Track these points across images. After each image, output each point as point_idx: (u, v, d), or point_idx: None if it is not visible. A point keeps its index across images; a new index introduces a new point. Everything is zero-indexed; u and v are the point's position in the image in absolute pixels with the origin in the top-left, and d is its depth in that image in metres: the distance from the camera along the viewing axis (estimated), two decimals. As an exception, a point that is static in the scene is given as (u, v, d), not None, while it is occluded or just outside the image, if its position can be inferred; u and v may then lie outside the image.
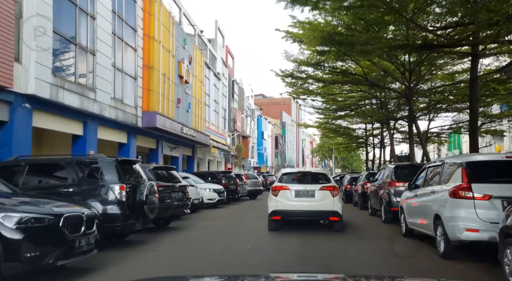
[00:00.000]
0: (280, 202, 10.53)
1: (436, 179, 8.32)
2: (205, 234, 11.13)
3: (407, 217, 9.71)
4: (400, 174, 12.80)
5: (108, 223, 7.82)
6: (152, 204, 8.71)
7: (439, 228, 7.49)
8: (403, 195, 10.34)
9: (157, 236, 10.38)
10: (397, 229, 11.67)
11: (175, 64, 25.81)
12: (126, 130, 20.95)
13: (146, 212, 8.46)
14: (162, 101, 23.54)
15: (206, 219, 14.99)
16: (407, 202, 9.79)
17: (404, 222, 10.08)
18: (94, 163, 8.29)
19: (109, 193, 7.92)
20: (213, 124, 36.31)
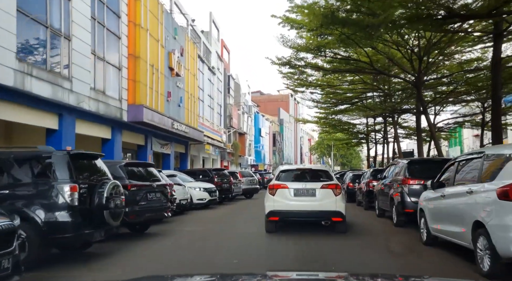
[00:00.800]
0: (278, 202, 9.70)
1: (472, 176, 6.54)
2: (185, 242, 9.35)
3: (430, 222, 7.93)
4: (415, 170, 11.04)
5: (55, 234, 6.07)
6: (115, 208, 6.92)
7: (481, 239, 5.73)
8: (424, 195, 8.57)
9: (126, 245, 8.61)
10: (413, 234, 9.93)
11: (164, 55, 23.99)
12: (110, 125, 19.15)
13: (107, 218, 6.68)
14: (150, 94, 21.73)
15: (192, 223, 13.20)
16: (430, 204, 8.03)
17: (425, 227, 8.31)
18: (38, 157, 6.49)
19: (57, 195, 6.16)
20: (208, 120, 34.50)
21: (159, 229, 11.01)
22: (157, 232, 10.43)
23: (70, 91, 14.97)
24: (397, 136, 24.25)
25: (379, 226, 12.24)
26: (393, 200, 11.52)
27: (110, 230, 6.96)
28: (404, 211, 10.77)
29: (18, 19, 12.24)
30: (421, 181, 10.55)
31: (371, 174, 16.99)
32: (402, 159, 12.66)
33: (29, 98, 13.19)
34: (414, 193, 10.54)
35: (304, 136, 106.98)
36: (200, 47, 34.20)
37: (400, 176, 11.35)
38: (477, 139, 56.77)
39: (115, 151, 19.52)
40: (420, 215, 8.67)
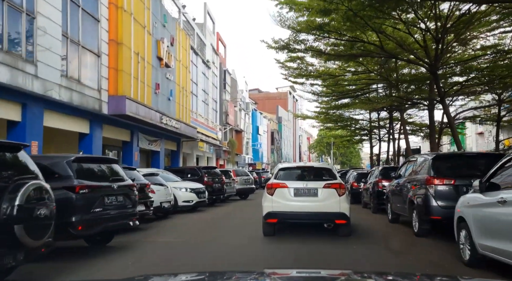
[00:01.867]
0: (277, 202, 8.94)
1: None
2: (151, 260, 7.22)
3: (478, 236, 5.82)
4: (442, 167, 8.92)
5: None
6: (37, 220, 4.78)
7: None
8: (465, 200, 6.44)
9: (70, 265, 6.48)
10: (443, 249, 7.88)
11: (152, 43, 21.85)
12: (88, 118, 17.03)
13: (20, 236, 4.52)
14: (135, 84, 19.59)
15: (172, 230, 11.05)
16: (478, 212, 5.88)
17: (467, 243, 6.19)
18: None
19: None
20: (201, 116, 32.34)
21: (126, 240, 8.87)
22: (122, 245, 8.29)
23: (35, 76, 12.83)
24: (405, 130, 21.95)
25: (395, 235, 10.12)
26: (413, 203, 9.40)
27: (30, 254, 4.79)
28: (429, 218, 8.65)
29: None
30: (451, 181, 8.44)
31: (380, 173, 14.85)
32: (424, 154, 10.54)
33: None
34: (442, 196, 8.43)
35: (303, 134, 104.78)
36: (194, 38, 32.06)
37: (422, 175, 9.22)
38: (481, 137, 54.46)
39: (94, 147, 17.39)
40: (459, 226, 6.55)
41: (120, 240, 8.65)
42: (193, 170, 17.96)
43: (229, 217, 14.67)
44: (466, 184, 7.80)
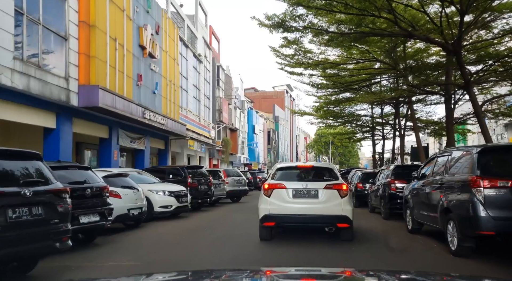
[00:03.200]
0: (274, 205, 8.36)
1: None
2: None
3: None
4: (493, 164, 6.59)
5: None
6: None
7: None
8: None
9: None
10: (495, 272, 5.47)
11: (133, 30, 19.44)
12: (54, 110, 14.62)
13: None
14: (112, 74, 17.19)
15: (131, 247, 8.61)
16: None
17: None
18: None
19: None
20: (191, 112, 29.91)
21: (58, 265, 6.42)
22: (46, 274, 5.85)
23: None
24: (416, 124, 19.38)
25: (422, 252, 7.74)
26: (448, 212, 7.02)
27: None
28: (475, 234, 6.26)
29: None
30: (507, 183, 6.08)
31: (393, 172, 12.46)
32: (463, 147, 8.18)
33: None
34: (496, 203, 6.06)
35: (300, 134, 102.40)
36: (184, 30, 29.64)
37: (463, 174, 6.84)
38: (483, 136, 52.37)
39: (62, 144, 15.01)
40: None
41: (49, 265, 6.22)
42: (176, 170, 15.53)
43: (215, 225, 12.26)
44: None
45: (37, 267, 5.75)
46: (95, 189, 8.03)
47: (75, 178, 7.85)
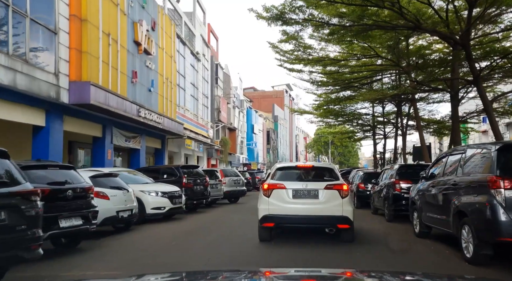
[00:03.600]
0: (274, 205, 8.16)
1: None
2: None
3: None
4: None
5: None
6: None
7: None
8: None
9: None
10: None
11: (128, 25, 18.80)
12: (43, 108, 13.99)
13: None
14: (105, 70, 16.55)
15: (118, 252, 7.96)
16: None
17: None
18: None
19: None
20: (189, 111, 29.26)
21: (30, 276, 5.76)
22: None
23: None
24: (419, 122, 18.61)
25: (433, 259, 7.09)
26: (463, 216, 6.38)
27: None
28: (495, 240, 5.62)
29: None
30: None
31: (397, 172, 11.81)
32: (479, 145, 7.53)
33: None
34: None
35: (300, 134, 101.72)
36: (181, 27, 29.00)
37: (478, 174, 6.20)
38: (484, 135, 51.16)
39: (51, 142, 14.37)
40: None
41: (20, 275, 5.56)
42: (170, 169, 14.87)
43: (211, 227, 11.60)
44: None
45: (4, 279, 5.09)
46: (78, 190, 7.38)
47: (56, 178, 7.20)
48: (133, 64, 19.42)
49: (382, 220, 12.60)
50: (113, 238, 9.40)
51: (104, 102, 15.70)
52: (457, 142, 14.88)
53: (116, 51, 17.49)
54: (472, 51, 15.76)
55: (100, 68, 16.07)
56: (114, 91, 16.84)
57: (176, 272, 3.72)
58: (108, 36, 16.70)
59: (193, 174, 15.27)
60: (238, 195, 19.99)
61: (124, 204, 9.86)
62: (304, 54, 16.93)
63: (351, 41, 15.58)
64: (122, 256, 7.50)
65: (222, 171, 19.40)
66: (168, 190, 12.15)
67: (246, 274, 2.70)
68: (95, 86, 14.98)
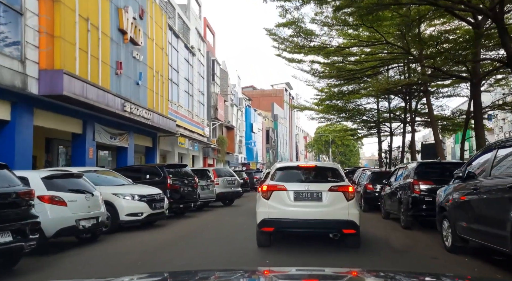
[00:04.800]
0: (274, 208, 7.45)
1: None
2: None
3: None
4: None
5: None
6: None
7: None
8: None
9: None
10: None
11: (111, 11, 16.98)
12: (9, 99, 12.16)
13: None
14: (83, 59, 14.73)
15: (65, 275, 6.03)
16: None
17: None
18: None
19: None
20: (182, 107, 27.39)
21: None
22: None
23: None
24: (433, 118, 16.55)
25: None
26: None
27: None
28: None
29: None
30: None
31: (416, 171, 9.92)
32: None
33: None
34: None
35: (300, 133, 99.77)
36: (175, 19, 27.16)
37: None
38: (490, 133, 49.22)
39: (19, 139, 12.57)
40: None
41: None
42: (154, 169, 12.97)
43: (196, 235, 9.76)
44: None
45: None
46: (7, 197, 5.52)
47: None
48: (118, 53, 17.59)
49: (396, 226, 10.73)
50: (70, 253, 7.54)
51: (81, 94, 13.85)
52: (481, 137, 12.99)
53: (96, 38, 15.65)
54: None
55: (76, 56, 14.24)
56: (94, 83, 14.99)
57: (175, 272, 3.34)
58: (86, 21, 14.87)
59: (181, 174, 13.40)
60: (233, 197, 18.08)
61: (87, 211, 7.99)
62: (305, 40, 15.06)
63: (357, 25, 13.75)
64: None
65: (215, 170, 17.50)
66: (147, 193, 10.28)
67: (244, 273, 2.54)
68: (69, 76, 13.12)
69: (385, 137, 28.93)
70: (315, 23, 14.53)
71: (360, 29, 15.08)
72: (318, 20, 14.30)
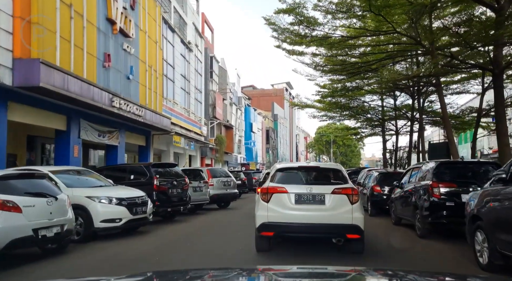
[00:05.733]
0: (274, 211, 7.07)
1: None
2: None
3: None
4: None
5: None
6: None
7: None
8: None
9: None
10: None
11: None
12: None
13: None
14: (65, 49, 13.45)
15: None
16: None
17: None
18: None
19: None
20: (178, 104, 26.07)
21: None
22: None
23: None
24: (446, 115, 14.98)
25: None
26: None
27: None
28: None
29: None
30: None
31: (435, 172, 8.59)
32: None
33: None
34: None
35: (300, 133, 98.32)
36: (170, 13, 25.88)
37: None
38: (494, 134, 47.63)
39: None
40: None
41: None
42: (139, 168, 11.62)
43: (181, 245, 8.42)
44: None
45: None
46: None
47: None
48: (106, 45, 16.28)
49: (411, 235, 9.40)
50: (17, 271, 6.20)
51: (61, 87, 12.55)
52: (504, 134, 11.64)
53: (81, 27, 14.35)
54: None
55: (57, 45, 12.93)
56: (77, 75, 13.68)
57: (166, 271, 3.15)
58: (69, 7, 13.57)
59: (170, 174, 12.06)
60: (229, 199, 16.70)
61: (48, 218, 6.68)
62: (306, 29, 13.70)
63: (364, 11, 12.41)
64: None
65: (209, 171, 16.12)
66: (127, 196, 8.96)
67: (242, 272, 2.40)
68: (47, 66, 11.82)
69: (389, 136, 27.55)
70: (317, 10, 13.19)
71: (366, 19, 13.70)
72: (321, 6, 12.97)
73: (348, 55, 15.63)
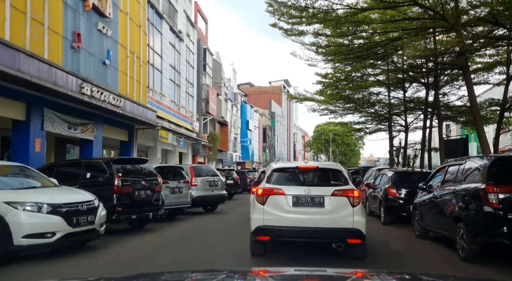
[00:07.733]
0: (270, 214, 6.68)
1: None
2: None
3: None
4: None
5: None
6: None
7: None
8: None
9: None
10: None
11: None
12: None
13: None
14: (17, 21, 11.09)
15: None
16: None
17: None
18: None
19: None
20: (166, 97, 23.58)
21: None
22: None
23: None
24: (475, 103, 12.19)
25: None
26: None
27: None
28: None
29: None
30: None
31: (489, 172, 6.13)
32: None
33: None
34: None
35: (298, 132, 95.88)
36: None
37: None
38: (502, 134, 45.47)
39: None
40: None
41: None
42: (97, 164, 9.11)
43: (142, 266, 5.98)
44: None
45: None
46: None
47: None
48: (75, 23, 13.85)
49: (449, 256, 6.98)
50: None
51: (10, 66, 10.12)
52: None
53: (42, 1, 11.89)
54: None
55: (7, 17, 10.53)
56: (34, 53, 11.23)
57: (159, 273, 2.86)
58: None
59: (138, 172, 9.60)
60: (215, 202, 14.17)
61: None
62: (307, 0, 11.22)
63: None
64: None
65: (192, 169, 13.58)
66: (67, 201, 6.50)
67: (234, 275, 2.25)
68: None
69: (396, 132, 25.10)
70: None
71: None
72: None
73: (355, 35, 13.11)
